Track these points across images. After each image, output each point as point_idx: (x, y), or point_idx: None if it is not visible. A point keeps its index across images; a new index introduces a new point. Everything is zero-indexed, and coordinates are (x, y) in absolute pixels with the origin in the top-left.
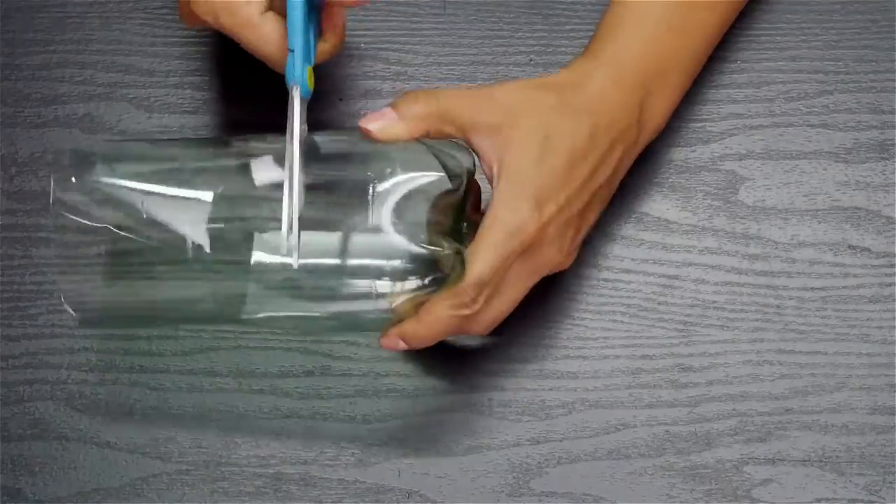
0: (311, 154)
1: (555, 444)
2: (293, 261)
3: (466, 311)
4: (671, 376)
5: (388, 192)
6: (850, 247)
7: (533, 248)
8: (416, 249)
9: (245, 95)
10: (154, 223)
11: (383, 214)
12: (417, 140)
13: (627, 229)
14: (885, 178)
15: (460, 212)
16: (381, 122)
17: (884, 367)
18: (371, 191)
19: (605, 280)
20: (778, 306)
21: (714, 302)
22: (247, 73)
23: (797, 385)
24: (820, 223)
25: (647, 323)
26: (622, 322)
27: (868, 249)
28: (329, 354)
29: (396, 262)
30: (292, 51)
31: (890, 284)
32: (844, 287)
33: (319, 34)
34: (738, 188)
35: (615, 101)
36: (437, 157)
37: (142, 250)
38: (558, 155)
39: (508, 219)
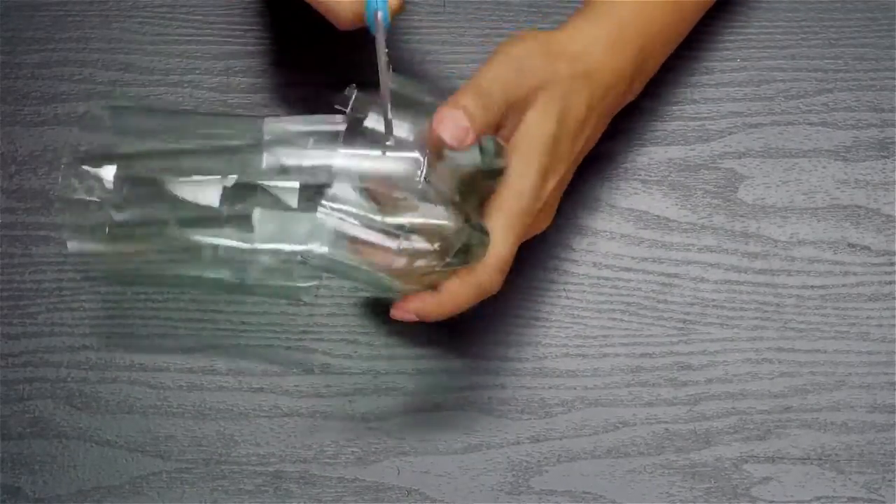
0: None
1: (554, 442)
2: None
3: (486, 295)
4: (671, 374)
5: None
6: (849, 245)
7: (532, 221)
8: (442, 214)
9: (245, 96)
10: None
11: (424, 177)
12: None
13: (627, 228)
14: (884, 176)
15: (476, 186)
16: (455, 133)
17: (883, 365)
18: (419, 152)
19: (605, 278)
20: (777, 304)
21: (713, 300)
22: (247, 73)
23: (797, 383)
24: (819, 221)
25: (646, 321)
26: (622, 320)
27: (868, 248)
28: (329, 353)
29: (423, 222)
30: None
31: (889, 283)
32: (844, 285)
33: None
34: (738, 186)
35: (613, 70)
36: None
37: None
38: (567, 129)
39: (522, 197)
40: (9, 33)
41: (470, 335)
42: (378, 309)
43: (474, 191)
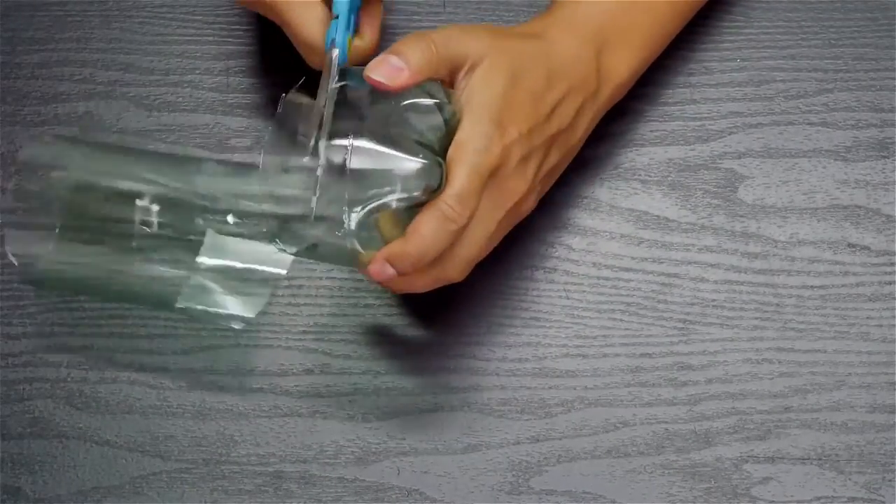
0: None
1: (554, 442)
2: (313, 202)
3: (453, 226)
4: (671, 375)
5: (382, 109)
6: (849, 245)
7: (499, 172)
8: (406, 158)
9: (245, 96)
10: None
11: (376, 126)
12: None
13: (627, 227)
14: (884, 176)
15: (444, 139)
16: (388, 73)
17: (883, 365)
18: (367, 105)
19: (605, 278)
20: (777, 304)
21: (713, 300)
22: (247, 73)
23: (797, 383)
24: (819, 221)
25: (646, 321)
26: (622, 320)
27: (867, 248)
28: (328, 353)
29: (386, 169)
30: (337, 17)
31: (889, 283)
32: (844, 285)
33: (356, 31)
34: (738, 186)
35: (570, 51)
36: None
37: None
38: (520, 90)
39: (475, 139)
40: (9, 33)
41: (470, 335)
42: (378, 310)
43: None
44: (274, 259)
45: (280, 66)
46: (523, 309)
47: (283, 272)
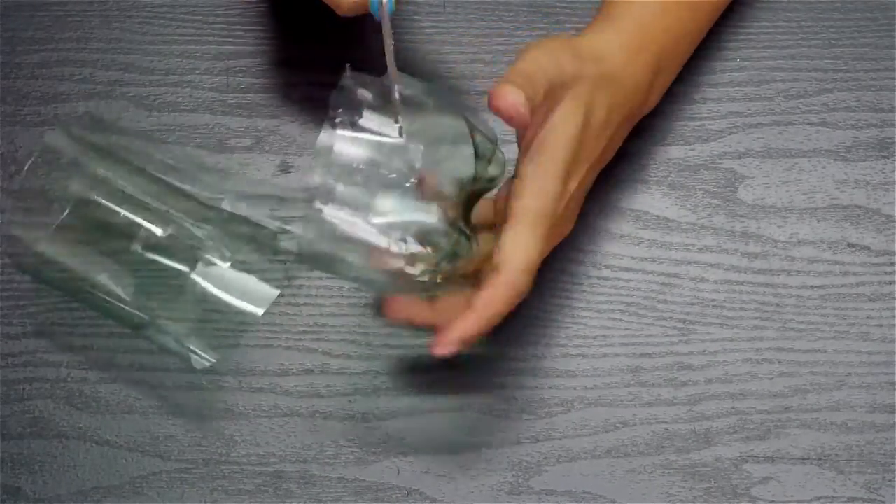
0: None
1: (554, 442)
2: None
3: (521, 299)
4: (670, 374)
5: (436, 161)
6: (849, 245)
7: (556, 224)
8: (437, 221)
9: (245, 96)
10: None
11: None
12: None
13: (627, 227)
14: (884, 176)
15: (473, 202)
16: (513, 110)
17: (883, 365)
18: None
19: (605, 278)
20: (777, 304)
21: (713, 300)
22: (247, 73)
23: (796, 383)
24: (819, 221)
25: (646, 321)
26: (621, 320)
27: (867, 248)
28: (328, 353)
29: (419, 224)
30: None
31: (889, 283)
32: (844, 285)
33: None
34: (738, 186)
35: (637, 77)
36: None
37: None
38: (590, 131)
39: (546, 197)
40: (9, 33)
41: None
42: (378, 309)
43: (465, 198)
44: (257, 296)
45: (280, 66)
46: (523, 309)
47: (259, 312)
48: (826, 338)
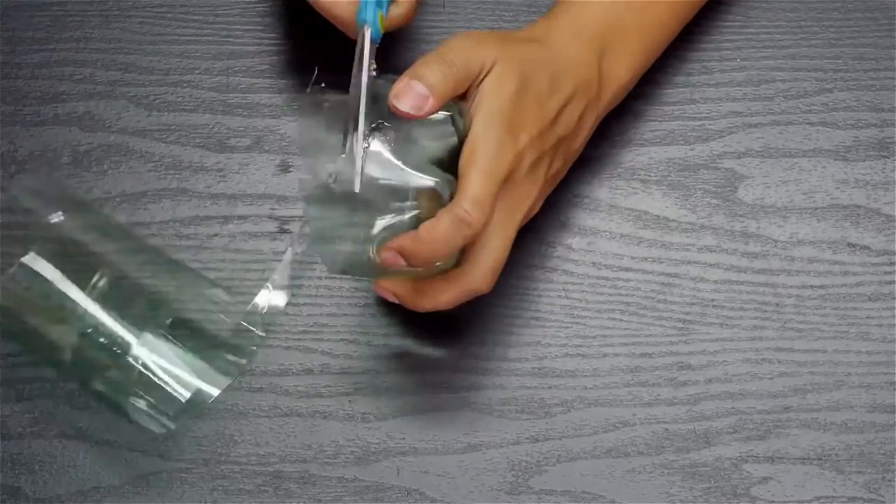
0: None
1: (554, 442)
2: (356, 185)
3: (468, 231)
4: (670, 374)
5: (401, 129)
6: (849, 245)
7: (512, 177)
8: (420, 177)
9: (245, 96)
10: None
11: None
12: None
13: (626, 227)
14: (884, 176)
15: (455, 157)
16: (414, 102)
17: (883, 365)
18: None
19: (604, 278)
20: (777, 304)
21: (713, 300)
22: (247, 73)
23: (796, 383)
24: (819, 221)
25: (646, 321)
26: (621, 320)
27: (867, 247)
28: (328, 353)
29: (402, 186)
30: None
31: (889, 282)
32: (844, 285)
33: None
34: (738, 186)
35: (573, 55)
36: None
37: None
38: (528, 96)
39: (488, 145)
40: (9, 33)
41: (470, 335)
42: (378, 309)
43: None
44: (210, 377)
45: (280, 66)
46: (523, 309)
47: (215, 392)
48: (826, 338)
